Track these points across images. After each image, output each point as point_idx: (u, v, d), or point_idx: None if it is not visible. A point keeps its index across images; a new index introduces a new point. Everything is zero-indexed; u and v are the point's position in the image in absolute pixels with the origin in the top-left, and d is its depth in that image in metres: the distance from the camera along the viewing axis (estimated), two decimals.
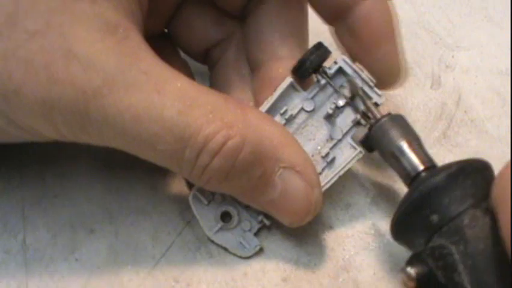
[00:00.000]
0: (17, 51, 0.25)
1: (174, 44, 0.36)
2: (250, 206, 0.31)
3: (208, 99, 0.27)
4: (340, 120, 0.32)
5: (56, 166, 0.34)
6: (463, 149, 0.38)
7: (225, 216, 0.32)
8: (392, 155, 0.30)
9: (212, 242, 0.32)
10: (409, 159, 0.29)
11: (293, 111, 0.32)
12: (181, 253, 0.32)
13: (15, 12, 0.25)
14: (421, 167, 0.29)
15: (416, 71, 0.43)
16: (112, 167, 0.34)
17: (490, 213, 0.25)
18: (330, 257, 0.32)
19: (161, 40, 0.35)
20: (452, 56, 0.44)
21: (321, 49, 0.31)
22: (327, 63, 0.32)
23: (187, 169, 0.28)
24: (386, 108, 0.32)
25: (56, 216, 0.32)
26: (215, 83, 0.35)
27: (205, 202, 0.32)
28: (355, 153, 0.32)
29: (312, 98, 0.32)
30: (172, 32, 0.35)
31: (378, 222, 0.34)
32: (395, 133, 0.30)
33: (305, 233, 0.33)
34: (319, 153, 0.32)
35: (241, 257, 0.32)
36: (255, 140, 0.28)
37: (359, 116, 0.31)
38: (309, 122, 0.32)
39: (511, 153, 0.37)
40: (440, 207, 0.27)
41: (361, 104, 0.32)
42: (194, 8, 0.34)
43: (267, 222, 0.32)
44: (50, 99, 0.25)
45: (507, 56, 0.44)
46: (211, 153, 0.27)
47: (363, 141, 0.31)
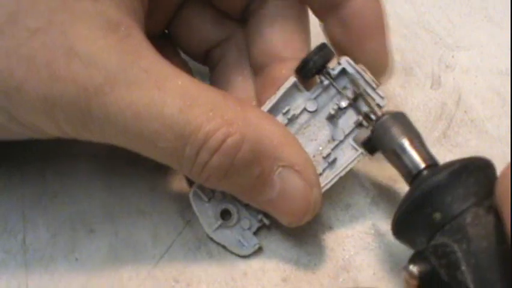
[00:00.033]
0: (19, 49, 0.25)
1: (174, 44, 0.36)
2: (250, 204, 0.31)
3: (208, 97, 0.27)
4: (342, 121, 0.32)
5: (56, 165, 0.34)
6: (463, 149, 0.38)
7: (225, 214, 0.32)
8: (394, 152, 0.30)
9: (211, 240, 0.32)
10: (411, 157, 0.29)
11: (296, 111, 0.32)
12: (181, 253, 0.32)
13: (17, 10, 0.25)
14: (423, 164, 0.29)
15: (416, 71, 0.43)
16: (112, 166, 0.34)
17: (493, 211, 0.25)
18: (330, 257, 0.32)
19: (162, 40, 0.35)
20: (452, 56, 0.44)
21: (325, 50, 0.31)
22: (331, 64, 0.31)
23: (187, 166, 0.28)
24: (386, 109, 0.32)
25: (56, 216, 0.32)
26: (216, 84, 0.35)
27: (206, 199, 0.32)
28: (356, 154, 0.31)
29: (315, 98, 0.32)
30: (173, 33, 0.35)
31: (378, 222, 0.34)
32: (396, 131, 0.30)
33: (305, 233, 0.33)
34: (320, 153, 0.32)
35: (239, 256, 0.32)
36: (254, 138, 0.28)
37: (361, 118, 0.31)
38: (312, 122, 0.32)
39: (511, 153, 0.37)
40: (442, 206, 0.27)
41: (363, 106, 0.31)
42: (194, 9, 0.34)
43: (266, 221, 0.32)
44: (52, 96, 0.26)
45: (507, 56, 0.44)
46: (211, 150, 0.27)
47: (365, 142, 0.31)
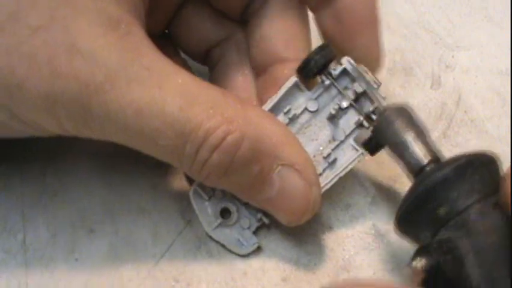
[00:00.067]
0: (20, 46, 0.25)
1: (174, 44, 0.36)
2: (250, 203, 0.31)
3: (208, 95, 0.28)
4: (343, 121, 0.32)
5: (56, 164, 0.34)
6: (463, 149, 0.38)
7: (225, 213, 0.32)
8: (398, 146, 0.29)
9: (211, 239, 0.32)
10: (415, 151, 0.29)
11: (297, 111, 0.32)
12: (181, 252, 0.32)
13: (18, 8, 0.25)
14: (427, 159, 0.28)
15: (416, 71, 0.43)
16: (112, 165, 0.34)
17: (498, 207, 0.25)
18: (330, 257, 0.32)
19: (162, 40, 0.35)
20: (452, 56, 0.44)
21: (327, 49, 0.31)
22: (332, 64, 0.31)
23: (187, 164, 0.28)
24: None
25: (56, 215, 0.32)
26: (216, 83, 0.35)
27: (206, 198, 0.32)
28: (356, 155, 0.31)
29: (316, 98, 0.32)
30: (172, 33, 0.35)
31: (378, 222, 0.34)
32: (400, 124, 0.29)
33: (305, 232, 0.33)
34: (321, 153, 0.32)
35: (238, 255, 0.32)
36: (254, 137, 0.28)
37: (362, 118, 0.31)
38: (313, 122, 0.32)
39: (511, 153, 0.37)
40: (447, 201, 0.26)
41: (364, 106, 0.31)
42: (194, 9, 0.34)
43: (266, 220, 0.32)
44: (53, 93, 0.26)
45: (507, 56, 0.44)
46: (211, 148, 0.27)
47: (366, 143, 0.31)
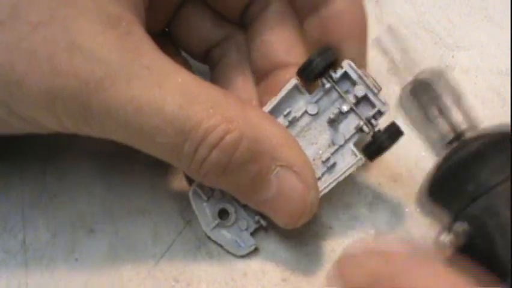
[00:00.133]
0: (20, 43, 0.25)
1: (175, 43, 0.36)
2: (248, 205, 0.31)
3: (209, 94, 0.28)
4: (343, 126, 0.32)
5: (56, 164, 0.34)
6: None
7: (223, 214, 0.32)
8: (434, 110, 0.29)
9: (209, 239, 0.32)
10: (453, 117, 0.28)
11: (297, 114, 0.32)
12: (181, 253, 0.32)
13: (18, 4, 0.25)
14: (463, 126, 0.28)
15: (416, 71, 0.43)
16: (112, 165, 0.34)
17: None
18: (330, 257, 0.32)
19: (162, 39, 0.35)
20: (452, 56, 0.44)
21: (328, 52, 0.30)
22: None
23: (186, 162, 0.28)
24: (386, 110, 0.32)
25: (56, 216, 0.32)
26: (216, 83, 0.35)
27: (205, 198, 0.32)
28: (355, 160, 0.31)
29: (317, 101, 0.32)
30: (173, 32, 0.35)
31: (378, 222, 0.34)
32: (439, 88, 0.29)
33: (305, 233, 0.33)
34: (320, 157, 0.32)
35: (236, 256, 0.32)
36: (253, 137, 0.28)
37: (362, 123, 0.31)
38: (312, 125, 0.32)
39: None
40: (478, 177, 0.26)
41: (365, 111, 0.31)
42: (194, 8, 0.34)
43: (263, 222, 0.32)
44: (53, 90, 0.26)
45: (507, 56, 0.44)
46: (210, 146, 0.27)
47: (365, 148, 0.31)
